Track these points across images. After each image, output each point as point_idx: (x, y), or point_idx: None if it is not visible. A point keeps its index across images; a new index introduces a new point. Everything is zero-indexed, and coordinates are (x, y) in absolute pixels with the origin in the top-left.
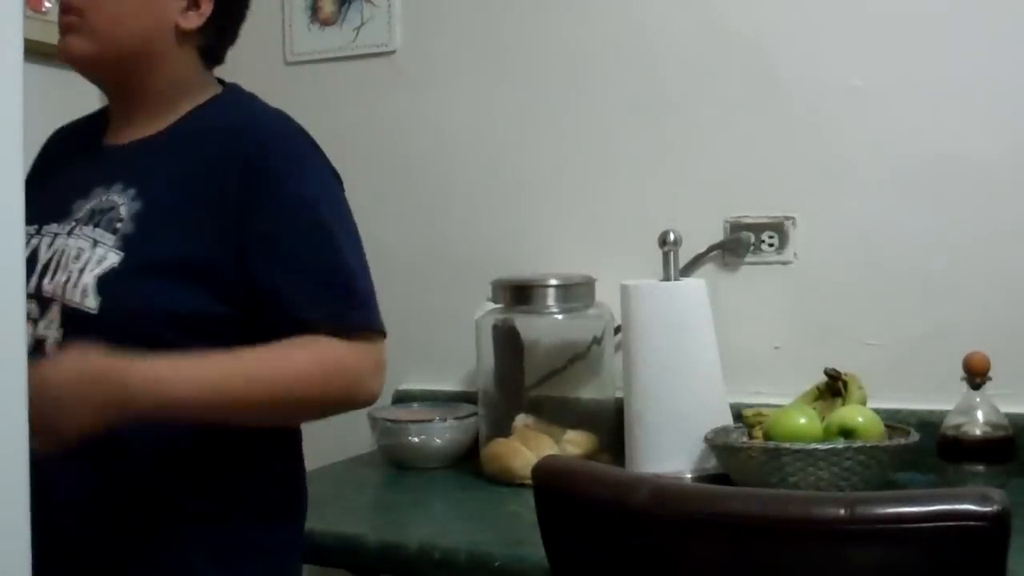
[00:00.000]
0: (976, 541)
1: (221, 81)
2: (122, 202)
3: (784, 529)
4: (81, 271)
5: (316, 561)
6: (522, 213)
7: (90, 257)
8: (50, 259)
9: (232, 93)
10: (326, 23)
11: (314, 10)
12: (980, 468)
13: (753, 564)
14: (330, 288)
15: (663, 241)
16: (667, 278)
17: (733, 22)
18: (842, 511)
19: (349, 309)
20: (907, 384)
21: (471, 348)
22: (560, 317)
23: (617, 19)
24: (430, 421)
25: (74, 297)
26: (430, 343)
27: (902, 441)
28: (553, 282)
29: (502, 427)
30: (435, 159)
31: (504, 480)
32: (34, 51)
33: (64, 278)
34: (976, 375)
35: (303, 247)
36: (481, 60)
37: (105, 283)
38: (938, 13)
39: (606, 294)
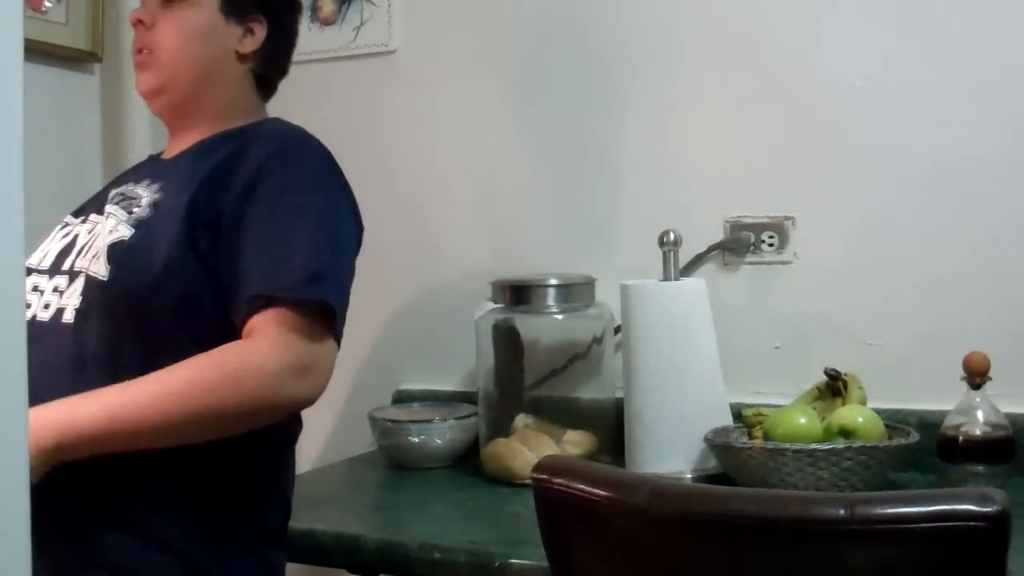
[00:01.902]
0: (976, 541)
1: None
2: (144, 193)
3: (784, 529)
4: (97, 242)
5: (316, 561)
6: (522, 213)
7: (107, 230)
8: (86, 242)
9: (269, 120)
10: (326, 23)
11: (314, 10)
12: (980, 468)
13: (753, 564)
14: (279, 270)
15: (663, 241)
16: (667, 278)
17: (733, 22)
18: (842, 511)
19: (292, 286)
20: (907, 384)
21: (471, 348)
22: (560, 317)
23: (616, 19)
24: (430, 421)
25: (92, 266)
26: (430, 343)
27: (902, 441)
28: (553, 282)
29: (502, 427)
30: (435, 159)
31: (504, 480)
32: (34, 51)
33: (92, 253)
34: (976, 375)
35: (268, 236)
36: (481, 60)
37: (115, 253)
38: (939, 13)
39: (606, 294)
